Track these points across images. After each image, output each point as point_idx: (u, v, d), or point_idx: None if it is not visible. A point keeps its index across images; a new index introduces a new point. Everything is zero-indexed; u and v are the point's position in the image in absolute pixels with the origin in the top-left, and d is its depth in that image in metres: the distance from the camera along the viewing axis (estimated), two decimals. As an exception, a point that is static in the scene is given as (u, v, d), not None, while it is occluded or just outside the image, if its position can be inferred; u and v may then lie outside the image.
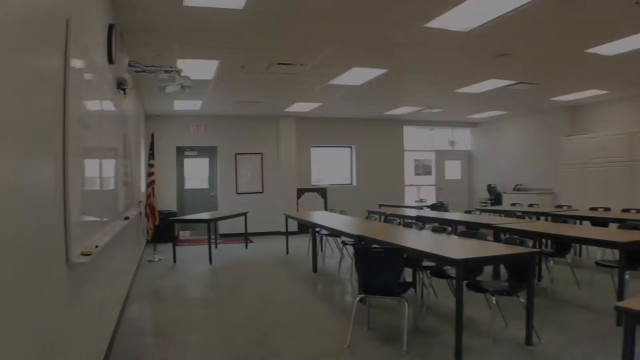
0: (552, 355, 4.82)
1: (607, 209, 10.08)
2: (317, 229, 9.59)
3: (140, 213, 9.67)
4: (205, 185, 15.39)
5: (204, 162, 15.35)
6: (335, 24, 6.55)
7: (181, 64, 8.00)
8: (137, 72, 6.79)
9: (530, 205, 12.39)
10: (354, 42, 7.42)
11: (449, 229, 7.13)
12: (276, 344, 5.24)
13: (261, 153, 15.30)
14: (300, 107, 13.45)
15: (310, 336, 5.53)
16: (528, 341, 5.06)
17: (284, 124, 15.28)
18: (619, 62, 9.15)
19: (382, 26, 6.70)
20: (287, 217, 11.66)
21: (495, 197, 16.60)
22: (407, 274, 6.81)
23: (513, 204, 13.43)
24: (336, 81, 10.07)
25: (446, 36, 7.15)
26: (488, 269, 7.21)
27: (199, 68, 8.59)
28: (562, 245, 7.57)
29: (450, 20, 6.51)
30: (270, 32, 6.85)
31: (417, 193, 18.01)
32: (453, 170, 18.51)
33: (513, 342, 5.17)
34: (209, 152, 15.15)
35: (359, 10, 6.09)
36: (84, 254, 3.15)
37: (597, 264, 6.69)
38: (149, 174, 11.12)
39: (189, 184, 15.19)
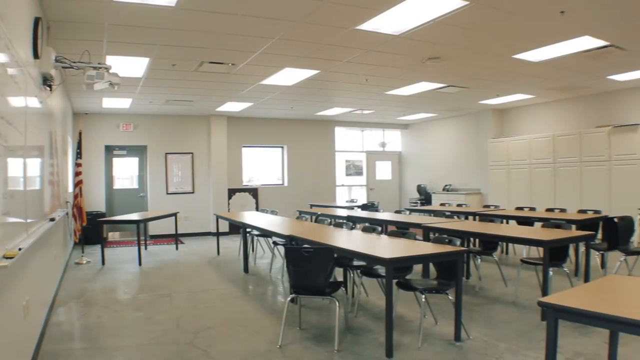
0: (481, 350, 4.94)
1: (532, 209, 10.39)
2: (248, 230, 9.55)
3: (67, 214, 9.39)
4: (134, 185, 15.09)
5: (134, 161, 15.03)
6: (268, 23, 6.54)
7: (110, 60, 7.84)
8: (64, 68, 6.57)
9: (459, 205, 12.66)
10: (286, 42, 7.41)
11: (379, 228, 7.22)
12: (207, 346, 5.19)
13: (192, 153, 15.11)
14: (232, 106, 13.34)
15: (242, 337, 5.50)
16: (457, 337, 5.18)
17: (215, 123, 15.12)
18: (544, 68, 9.48)
19: (314, 27, 6.73)
20: (218, 217, 11.57)
21: (425, 197, 16.91)
22: (338, 274, 6.88)
23: (442, 204, 13.69)
24: (268, 81, 10.06)
25: (378, 39, 7.26)
26: (418, 268, 7.33)
27: (129, 65, 8.42)
28: (489, 243, 7.77)
29: (382, 23, 6.61)
30: (202, 30, 6.78)
31: (348, 193, 18.18)
32: (384, 170, 18.76)
33: (443, 339, 5.27)
34: (138, 151, 14.85)
35: (291, 11, 6.10)
36: (6, 257, 3.05)
37: (523, 261, 6.88)
38: (77, 174, 10.79)
39: (118, 184, 14.84)
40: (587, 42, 7.87)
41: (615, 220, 7.48)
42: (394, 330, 4.89)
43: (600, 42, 7.91)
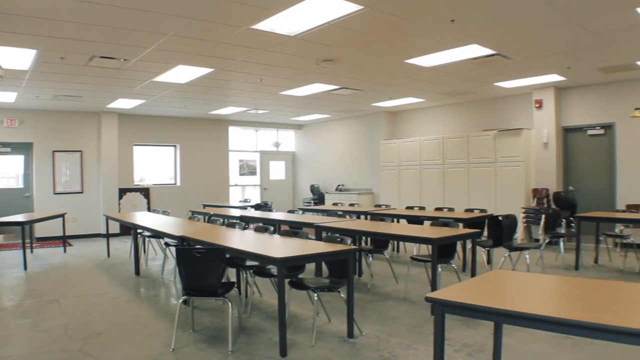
0: (373, 345, 5.04)
1: (422, 208, 10.69)
2: (140, 231, 9.29)
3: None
4: (19, 184, 14.32)
5: (19, 159, 14.23)
6: (162, 19, 6.38)
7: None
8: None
9: (351, 204, 12.88)
10: (180, 39, 7.27)
11: (272, 228, 7.21)
12: (98, 352, 5.00)
13: (81, 151, 14.52)
14: (124, 103, 12.93)
15: (134, 341, 5.35)
16: (350, 334, 5.25)
17: (106, 120, 14.59)
18: (435, 74, 9.81)
19: (209, 25, 6.64)
20: (108, 218, 11.18)
21: (318, 197, 17.07)
22: (231, 274, 6.83)
23: (335, 204, 13.85)
24: (161, 78, 9.83)
25: (273, 39, 7.26)
26: (311, 267, 7.39)
27: (14, 56, 7.98)
28: (380, 242, 7.93)
29: (278, 24, 6.61)
30: (93, 23, 6.50)
31: (242, 193, 18.08)
32: (277, 170, 18.80)
33: (336, 336, 5.33)
34: (24, 148, 14.09)
35: (186, 7, 5.99)
36: None
37: (413, 258, 7.07)
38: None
39: (1, 184, 14.04)
40: (475, 50, 8.23)
41: (500, 218, 7.83)
42: (287, 329, 4.91)
43: (488, 51, 8.30)
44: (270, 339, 5.24)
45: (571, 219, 10.20)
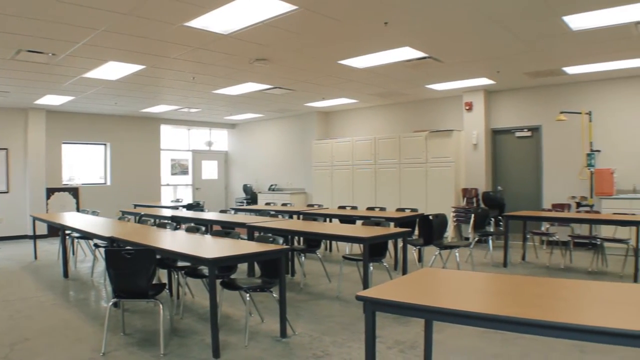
0: (307, 344, 5.05)
1: (354, 208, 10.78)
2: (68, 232, 9.04)
3: None
4: (-62, 184, 13.78)
5: (-62, 158, 13.71)
6: (92, 13, 6.19)
7: None
8: None
9: (284, 204, 12.88)
10: (111, 34, 7.08)
11: (203, 228, 7.14)
12: (25, 358, 4.84)
13: (6, 149, 13.97)
14: (52, 99, 12.51)
15: (63, 346, 5.19)
16: (283, 334, 5.24)
17: (33, 117, 14.07)
18: (368, 75, 9.90)
19: (141, 21, 6.50)
20: (34, 219, 10.83)
21: (251, 196, 17.00)
22: (163, 275, 6.73)
23: (267, 204, 13.84)
24: (91, 74, 9.55)
25: (206, 37, 7.18)
26: (244, 267, 7.35)
27: None
28: (312, 241, 7.97)
29: (211, 22, 6.54)
30: (19, 15, 6.25)
31: (174, 193, 17.83)
32: (210, 170, 18.62)
33: (269, 336, 5.31)
34: (-57, 146, 13.56)
35: (118, 2, 5.84)
36: None
37: (345, 257, 7.13)
38: None
39: None
40: (408, 53, 8.36)
41: (431, 217, 7.97)
42: (220, 330, 4.87)
43: (420, 54, 8.44)
44: (203, 341, 5.18)
45: (500, 217, 10.47)
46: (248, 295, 5.25)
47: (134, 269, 4.86)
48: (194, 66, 9.06)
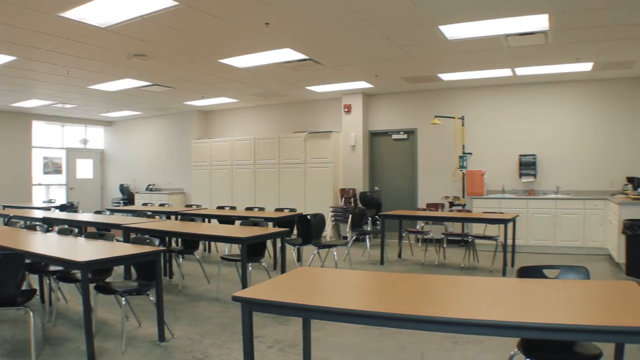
0: (186, 347, 4.98)
1: (233, 208, 10.73)
2: None
3: None
4: None
5: None
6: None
7: None
8: None
9: (162, 204, 12.63)
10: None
11: (76, 230, 6.87)
12: None
13: None
14: None
15: None
16: (161, 337, 5.13)
17: None
18: (248, 75, 9.89)
19: (12, 9, 6.11)
20: None
21: (128, 197, 16.53)
22: (34, 281, 6.43)
23: (145, 204, 13.52)
24: (-48, 66, 8.98)
25: (82, 29, 6.90)
26: (121, 270, 7.15)
27: None
28: (191, 242, 7.86)
29: (88, 13, 6.29)
30: None
31: (46, 193, 17.00)
32: (85, 169, 17.89)
33: (147, 340, 5.19)
34: None
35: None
36: None
37: (223, 258, 7.08)
38: None
39: None
40: (288, 54, 8.44)
41: (309, 217, 8.06)
42: (96, 336, 4.72)
43: (301, 56, 8.53)
44: (78, 348, 4.97)
45: (376, 217, 10.74)
46: (124, 299, 5.09)
47: (1, 275, 4.58)
48: (69, 59, 8.67)
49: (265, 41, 7.71)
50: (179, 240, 8.32)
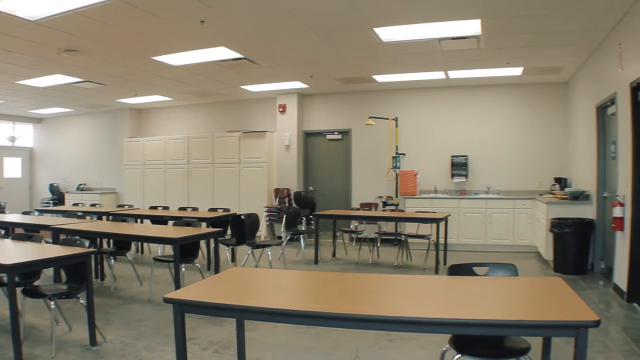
0: (118, 351, 4.87)
1: (165, 208, 10.60)
2: None
3: None
4: None
5: None
6: None
7: None
8: None
9: (93, 205, 12.33)
10: None
11: (3, 232, 6.65)
12: None
13: None
14: None
15: None
16: (92, 342, 5.00)
17: None
18: (182, 73, 9.77)
19: None
20: None
21: (58, 197, 16.09)
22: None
23: (75, 204, 13.19)
24: None
25: (11, 21, 6.66)
26: (50, 273, 6.95)
27: None
28: (123, 243, 7.71)
29: (18, 5, 6.08)
30: None
31: (-30, 193, 16.43)
32: (13, 168, 17.31)
33: (79, 345, 5.05)
34: None
35: None
36: None
37: (155, 259, 6.99)
38: None
39: None
40: (223, 53, 8.39)
41: (243, 217, 8.04)
42: (24, 342, 4.58)
43: (236, 54, 8.49)
44: (5, 355, 4.80)
45: (311, 216, 10.79)
46: (53, 302, 4.96)
47: None
48: (-5, 53, 8.39)
49: (200, 39, 7.64)
50: (111, 241, 8.16)
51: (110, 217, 9.33)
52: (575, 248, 8.06)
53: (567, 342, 2.72)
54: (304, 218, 10.84)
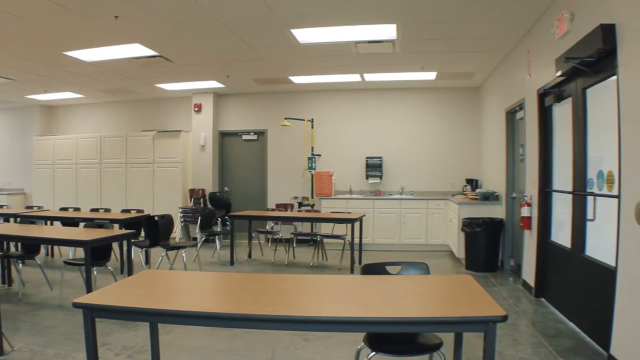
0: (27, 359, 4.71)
1: (77, 209, 10.29)
2: None
3: None
4: None
5: None
6: None
7: None
8: None
9: (0, 206, 11.84)
10: None
11: None
12: None
13: None
14: None
15: None
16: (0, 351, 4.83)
17: None
18: (95, 69, 9.53)
19: None
20: None
21: (-40, 198, 15.37)
22: None
23: (-20, 206, 12.63)
24: None
25: None
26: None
27: None
28: (31, 246, 7.44)
29: None
30: None
31: None
32: None
33: (-19, 354, 4.87)
34: None
35: None
36: None
37: (66, 262, 6.78)
38: None
39: None
40: (138, 50, 8.24)
41: (156, 218, 7.92)
42: None
43: (150, 52, 8.35)
44: None
45: (226, 217, 10.71)
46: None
47: None
48: None
49: (114, 35, 7.47)
50: (19, 244, 7.86)
51: (18, 219, 8.99)
52: (486, 246, 8.37)
53: (478, 336, 2.83)
54: (219, 219, 10.76)
